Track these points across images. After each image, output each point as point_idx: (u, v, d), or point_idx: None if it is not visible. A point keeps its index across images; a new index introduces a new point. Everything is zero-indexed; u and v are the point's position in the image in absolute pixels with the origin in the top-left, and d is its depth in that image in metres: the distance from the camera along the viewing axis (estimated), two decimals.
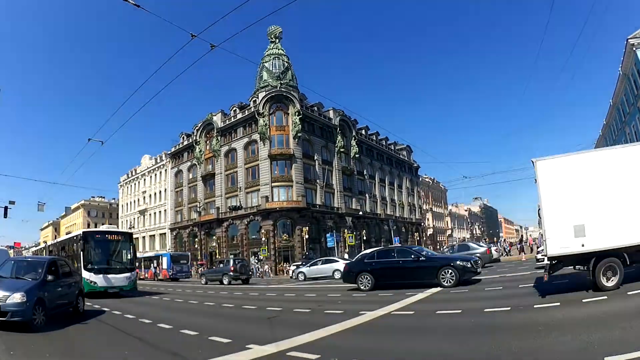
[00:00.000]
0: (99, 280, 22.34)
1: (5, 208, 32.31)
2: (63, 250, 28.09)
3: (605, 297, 9.78)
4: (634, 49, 43.94)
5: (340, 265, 32.53)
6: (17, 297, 10.39)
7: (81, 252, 22.77)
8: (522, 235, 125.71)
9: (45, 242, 37.97)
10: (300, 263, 46.80)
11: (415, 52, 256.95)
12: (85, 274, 21.77)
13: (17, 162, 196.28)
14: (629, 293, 9.86)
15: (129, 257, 25.08)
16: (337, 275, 32.23)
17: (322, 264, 36.83)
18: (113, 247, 24.44)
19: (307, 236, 60.22)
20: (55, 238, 63.38)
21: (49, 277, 12.16)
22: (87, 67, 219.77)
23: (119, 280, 23.30)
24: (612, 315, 8.08)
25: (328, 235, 61.83)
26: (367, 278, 18.75)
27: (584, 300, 9.80)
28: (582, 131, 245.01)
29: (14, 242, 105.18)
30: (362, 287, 18.74)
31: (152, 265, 56.27)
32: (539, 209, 12.25)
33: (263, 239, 62.16)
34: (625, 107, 52.49)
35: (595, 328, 7.32)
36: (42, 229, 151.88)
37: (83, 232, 24.34)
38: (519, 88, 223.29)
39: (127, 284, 23.79)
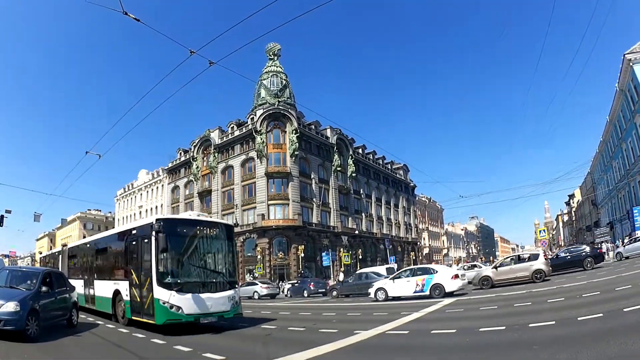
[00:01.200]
0: (185, 303, 13.25)
1: (1, 217, 32.10)
2: (104, 253, 18.50)
3: (601, 315, 9.74)
4: (631, 64, 44.33)
5: (259, 288, 41.50)
6: (10, 306, 10.34)
7: (153, 255, 13.50)
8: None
9: (65, 244, 27.17)
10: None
11: (414, 74, 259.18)
12: (160, 294, 13.12)
13: (14, 172, 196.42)
14: (624, 310, 9.83)
15: (230, 264, 15.72)
16: (256, 296, 40.62)
17: (245, 286, 42.22)
18: (207, 247, 14.97)
19: (302, 254, 60.06)
20: (51, 249, 62.37)
21: (43, 288, 12.12)
22: (86, 81, 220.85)
23: (218, 303, 14.17)
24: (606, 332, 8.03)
25: (324, 253, 61.63)
26: None
27: (579, 318, 9.77)
28: (578, 148, 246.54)
29: (9, 251, 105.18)
30: None
31: None
32: None
33: (259, 256, 62.00)
34: (622, 123, 52.84)
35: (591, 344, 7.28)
36: (37, 240, 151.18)
37: (158, 219, 13.95)
38: (516, 106, 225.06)
39: (230, 309, 14.59)
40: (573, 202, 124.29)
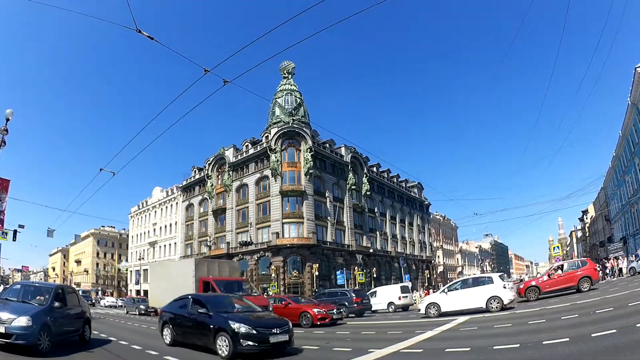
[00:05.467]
0: None
1: (15, 231, 32.19)
2: None
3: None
4: None
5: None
6: (22, 321, 10.39)
7: None
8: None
9: None
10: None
11: (427, 92, 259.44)
12: None
13: (28, 187, 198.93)
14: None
15: None
16: None
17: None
18: None
19: (317, 273, 59.70)
20: (64, 265, 62.88)
21: (56, 304, 12.14)
22: (100, 98, 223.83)
23: None
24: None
25: (338, 272, 61.41)
26: None
27: (593, 335, 9.61)
28: (591, 164, 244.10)
29: (22, 266, 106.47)
30: None
31: None
32: None
33: (273, 274, 61.77)
34: (635, 137, 52.13)
35: None
36: (50, 255, 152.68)
37: None
38: (529, 123, 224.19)
39: None
40: (586, 218, 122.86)
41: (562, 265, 27.28)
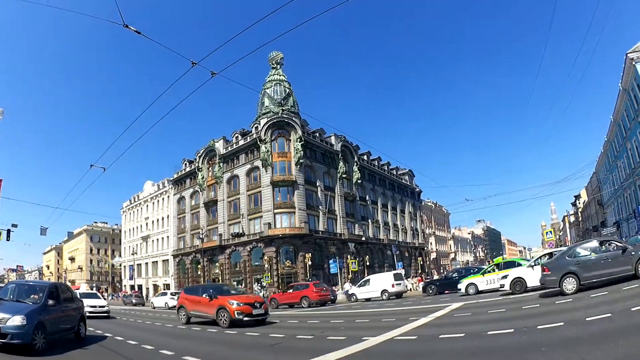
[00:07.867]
0: None
1: (8, 231, 32.07)
2: None
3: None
4: (634, 63, 43.97)
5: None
6: (17, 320, 10.32)
7: None
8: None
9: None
10: None
11: (417, 79, 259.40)
12: None
13: (20, 186, 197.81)
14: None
15: None
16: None
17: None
18: None
19: (310, 262, 59.68)
20: (58, 263, 62.59)
21: (50, 302, 12.06)
22: (89, 94, 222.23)
23: None
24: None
25: (331, 261, 61.44)
26: None
27: (587, 319, 9.71)
28: (584, 149, 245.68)
29: (17, 265, 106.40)
30: None
31: None
32: None
33: (266, 265, 61.77)
34: (626, 122, 52.39)
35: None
36: (44, 253, 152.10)
37: None
38: (520, 108, 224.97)
39: None
40: (579, 203, 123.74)
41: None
